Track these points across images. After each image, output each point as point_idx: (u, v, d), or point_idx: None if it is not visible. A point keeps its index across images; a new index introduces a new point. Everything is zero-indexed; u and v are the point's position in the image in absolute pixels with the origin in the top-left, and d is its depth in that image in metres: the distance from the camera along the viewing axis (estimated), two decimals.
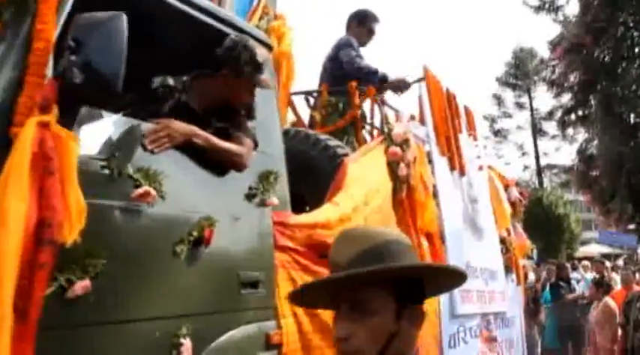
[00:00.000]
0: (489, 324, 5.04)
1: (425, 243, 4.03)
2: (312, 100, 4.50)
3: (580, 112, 19.11)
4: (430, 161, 4.61)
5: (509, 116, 34.68)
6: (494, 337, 5.08)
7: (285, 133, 4.01)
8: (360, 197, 3.23)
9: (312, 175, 3.42)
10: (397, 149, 3.77)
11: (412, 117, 4.45)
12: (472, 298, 4.65)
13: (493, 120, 33.16)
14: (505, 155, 33.92)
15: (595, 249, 22.26)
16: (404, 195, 3.80)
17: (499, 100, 33.87)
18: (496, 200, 5.88)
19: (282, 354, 2.58)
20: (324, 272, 2.98)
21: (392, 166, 3.76)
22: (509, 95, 35.33)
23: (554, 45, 18.82)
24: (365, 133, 4.53)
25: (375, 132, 4.35)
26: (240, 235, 2.51)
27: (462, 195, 5.00)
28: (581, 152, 19.66)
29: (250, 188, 2.59)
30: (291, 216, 2.79)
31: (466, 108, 5.68)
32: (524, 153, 34.52)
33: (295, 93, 4.40)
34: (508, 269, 5.89)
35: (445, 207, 4.49)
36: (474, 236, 5.05)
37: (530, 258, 6.87)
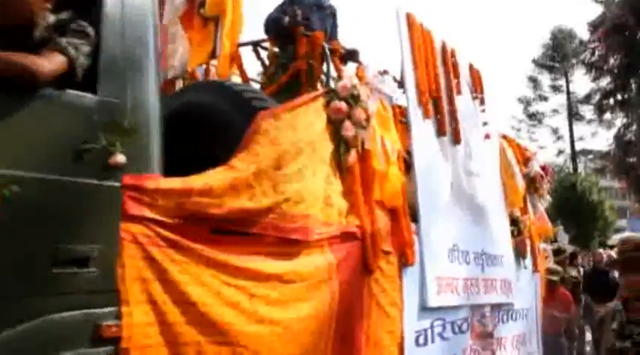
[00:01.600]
0: (483, 317, 4.31)
1: (384, 219, 3.37)
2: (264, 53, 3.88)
3: (619, 96, 17.80)
4: (405, 123, 3.91)
5: (545, 99, 32.95)
6: (489, 332, 4.35)
7: (196, 84, 3.45)
8: (269, 159, 2.62)
9: (224, 133, 2.84)
10: (341, 104, 3.11)
11: (385, 72, 3.75)
12: (456, 287, 3.94)
13: (528, 103, 31.51)
14: (539, 139, 32.20)
15: None
16: (352, 160, 3.15)
17: (535, 83, 32.09)
18: (507, 174, 5.07)
19: (122, 351, 2.04)
20: (209, 250, 2.42)
21: (335, 125, 3.11)
22: (545, 77, 33.46)
23: (594, 26, 17.43)
24: None
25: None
26: (62, 200, 1.97)
27: (454, 166, 4.26)
28: (618, 137, 18.40)
29: (86, 141, 2.05)
30: (151, 180, 2.22)
31: (471, 67, 4.88)
32: (559, 138, 33.07)
33: (243, 45, 3.81)
34: (520, 254, 5.10)
35: (422, 179, 3.79)
36: (468, 214, 4.31)
37: (552, 241, 6.00)
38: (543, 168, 5.65)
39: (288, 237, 2.68)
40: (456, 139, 4.33)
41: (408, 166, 3.84)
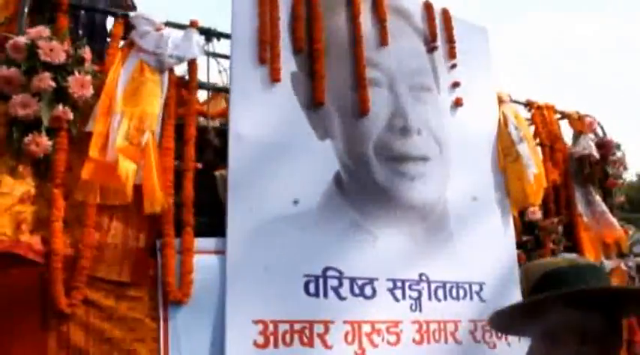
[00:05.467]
0: None
1: (127, 233, 2.26)
2: None
3: None
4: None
5: None
6: None
7: None
8: None
9: None
10: (11, 71, 2.14)
11: (192, 24, 2.63)
12: (322, 335, 2.51)
13: None
14: None
15: None
16: (36, 148, 2.14)
17: None
18: (507, 157, 3.32)
19: None
20: None
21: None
22: None
23: None
24: None
25: None
26: None
27: (350, 150, 2.84)
28: None
29: None
30: None
31: (429, 8, 3.32)
32: None
33: None
34: None
35: (243, 171, 2.53)
36: (381, 220, 2.82)
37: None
38: (602, 145, 3.62)
39: None
40: (361, 109, 2.90)
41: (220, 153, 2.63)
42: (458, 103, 3.26)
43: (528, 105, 3.65)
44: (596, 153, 3.51)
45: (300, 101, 2.77)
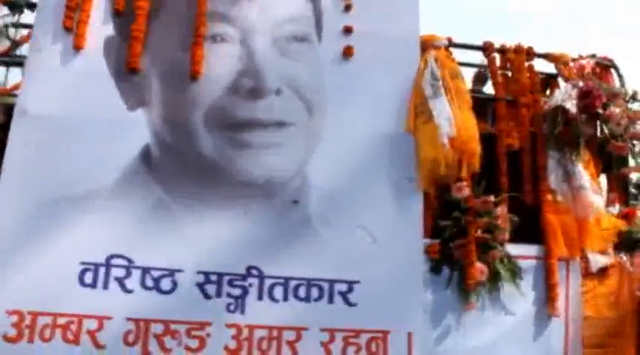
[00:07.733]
0: None
1: None
2: None
3: None
4: None
5: None
6: None
7: None
8: None
9: None
10: None
11: None
12: (94, 333, 2.15)
13: None
14: None
15: None
16: None
17: None
18: (419, 115, 2.50)
19: None
20: None
21: None
22: None
23: None
24: None
25: None
26: None
27: (164, 112, 2.41)
28: None
29: None
30: None
31: None
32: None
33: None
34: (464, 275, 2.37)
35: (15, 149, 2.30)
36: (207, 200, 2.34)
37: None
38: (586, 93, 2.47)
39: None
40: (192, 71, 2.43)
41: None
42: (348, 53, 2.56)
43: (486, 49, 2.72)
44: (572, 106, 2.42)
45: (111, 69, 2.45)
